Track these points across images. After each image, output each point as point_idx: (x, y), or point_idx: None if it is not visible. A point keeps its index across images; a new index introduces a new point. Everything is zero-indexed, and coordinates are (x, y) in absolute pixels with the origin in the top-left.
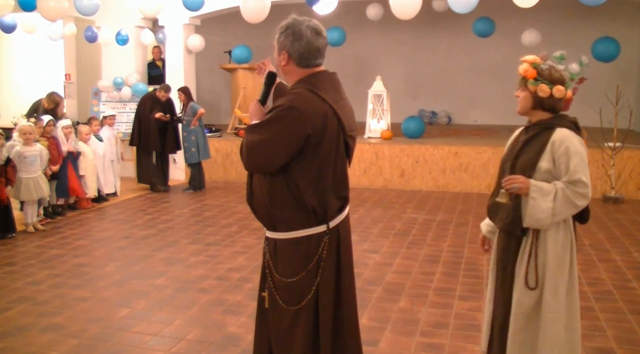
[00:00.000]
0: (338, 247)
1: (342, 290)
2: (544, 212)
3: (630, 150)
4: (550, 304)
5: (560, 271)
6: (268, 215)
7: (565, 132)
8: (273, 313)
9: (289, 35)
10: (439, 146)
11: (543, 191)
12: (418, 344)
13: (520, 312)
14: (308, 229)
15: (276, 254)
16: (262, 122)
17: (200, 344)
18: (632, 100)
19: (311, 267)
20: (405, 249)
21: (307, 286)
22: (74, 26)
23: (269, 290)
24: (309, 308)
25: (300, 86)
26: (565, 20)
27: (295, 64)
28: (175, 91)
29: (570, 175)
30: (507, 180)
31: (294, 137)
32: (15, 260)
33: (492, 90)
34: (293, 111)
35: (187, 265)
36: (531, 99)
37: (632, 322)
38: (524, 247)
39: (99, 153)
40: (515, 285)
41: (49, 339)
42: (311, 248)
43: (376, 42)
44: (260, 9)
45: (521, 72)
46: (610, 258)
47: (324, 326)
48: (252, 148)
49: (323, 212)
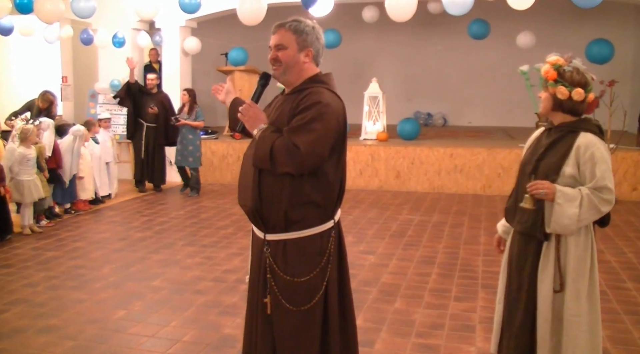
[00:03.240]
0: (340, 241)
1: (345, 283)
2: (570, 218)
3: (624, 152)
4: (572, 307)
5: (582, 275)
6: (283, 216)
7: (590, 137)
8: (277, 317)
9: (314, 34)
10: (434, 147)
11: (568, 197)
12: (413, 345)
13: (550, 318)
14: (320, 226)
15: (285, 255)
16: (306, 121)
17: (196, 346)
18: (626, 102)
19: (323, 264)
20: (400, 250)
21: (318, 283)
22: (71, 29)
23: (271, 295)
24: (319, 306)
25: (317, 85)
26: (559, 22)
27: (313, 62)
28: (165, 89)
29: (596, 182)
30: (533, 186)
31: (335, 132)
32: (11, 261)
33: (487, 91)
34: (328, 107)
35: (183, 266)
36: (551, 101)
37: (627, 322)
38: (546, 251)
39: (96, 156)
40: (539, 290)
41: (45, 341)
42: (323, 244)
43: (372, 44)
44: (256, 12)
45: (542, 73)
46: (604, 258)
47: (333, 322)
48: (310, 148)
49: (334, 207)
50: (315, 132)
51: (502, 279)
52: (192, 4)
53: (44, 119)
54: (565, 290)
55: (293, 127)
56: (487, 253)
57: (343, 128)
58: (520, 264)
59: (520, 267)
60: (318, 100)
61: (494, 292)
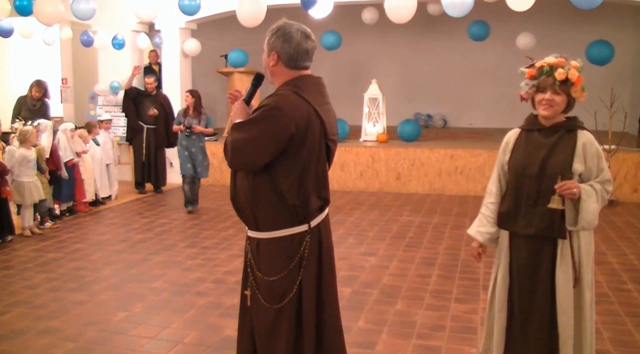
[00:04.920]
0: (320, 247)
1: (324, 290)
2: (593, 213)
3: (625, 153)
4: (589, 297)
5: (590, 266)
6: (251, 214)
7: (589, 134)
8: (256, 311)
9: (279, 37)
10: (434, 149)
11: (589, 194)
12: (414, 346)
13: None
14: (290, 228)
15: (258, 253)
16: (247, 120)
17: (197, 348)
18: (627, 103)
19: (293, 266)
20: (401, 252)
21: (288, 285)
22: (70, 30)
23: (251, 289)
24: (291, 307)
25: (286, 88)
26: (559, 24)
27: (284, 65)
28: (165, 91)
29: (603, 176)
30: (563, 186)
31: (278, 137)
32: (12, 263)
33: (488, 93)
34: (277, 111)
35: (183, 268)
36: (566, 103)
37: (628, 324)
38: (563, 249)
39: (96, 157)
40: (559, 288)
41: (46, 343)
42: (293, 247)
43: (372, 45)
44: (256, 13)
45: (572, 78)
46: (605, 260)
47: (307, 326)
48: (237, 146)
49: (304, 212)
50: (247, 132)
51: (503, 287)
52: (192, 6)
53: (42, 120)
54: (582, 282)
55: (233, 125)
56: (487, 254)
57: (301, 133)
58: (532, 267)
59: (533, 270)
60: (268, 102)
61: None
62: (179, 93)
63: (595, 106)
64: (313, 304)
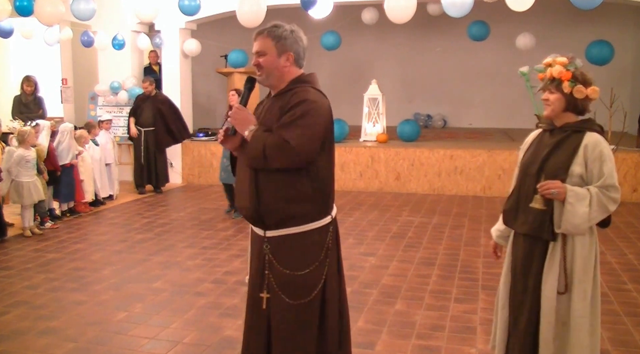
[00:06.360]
0: (337, 236)
1: (342, 279)
2: (581, 217)
3: (624, 153)
4: (579, 309)
5: (588, 275)
6: (284, 212)
7: (596, 136)
8: (276, 312)
9: (295, 38)
10: (434, 149)
11: (579, 197)
12: (414, 346)
13: (554, 320)
14: (320, 220)
15: (285, 250)
16: (295, 117)
17: (197, 348)
18: (626, 103)
19: (322, 257)
20: (401, 252)
21: (318, 277)
22: (71, 31)
23: (268, 290)
24: (317, 301)
25: (303, 85)
26: (559, 24)
27: (294, 65)
28: (164, 91)
29: (604, 180)
30: (544, 186)
31: (324, 127)
32: (12, 263)
33: (487, 93)
34: (315, 104)
35: (183, 268)
36: (564, 101)
37: (628, 324)
38: (552, 252)
39: (96, 157)
40: (542, 291)
41: (46, 343)
42: (322, 238)
43: (371, 45)
44: (256, 13)
45: (556, 74)
46: (605, 260)
47: (332, 317)
48: (300, 143)
49: (333, 201)
50: (304, 126)
51: (506, 284)
52: (192, 6)
53: (41, 121)
54: (572, 290)
55: (282, 124)
56: (487, 254)
57: (330, 123)
58: (526, 267)
59: (526, 270)
60: (305, 97)
61: (494, 294)
62: (179, 94)
63: (595, 106)
64: (337, 293)
